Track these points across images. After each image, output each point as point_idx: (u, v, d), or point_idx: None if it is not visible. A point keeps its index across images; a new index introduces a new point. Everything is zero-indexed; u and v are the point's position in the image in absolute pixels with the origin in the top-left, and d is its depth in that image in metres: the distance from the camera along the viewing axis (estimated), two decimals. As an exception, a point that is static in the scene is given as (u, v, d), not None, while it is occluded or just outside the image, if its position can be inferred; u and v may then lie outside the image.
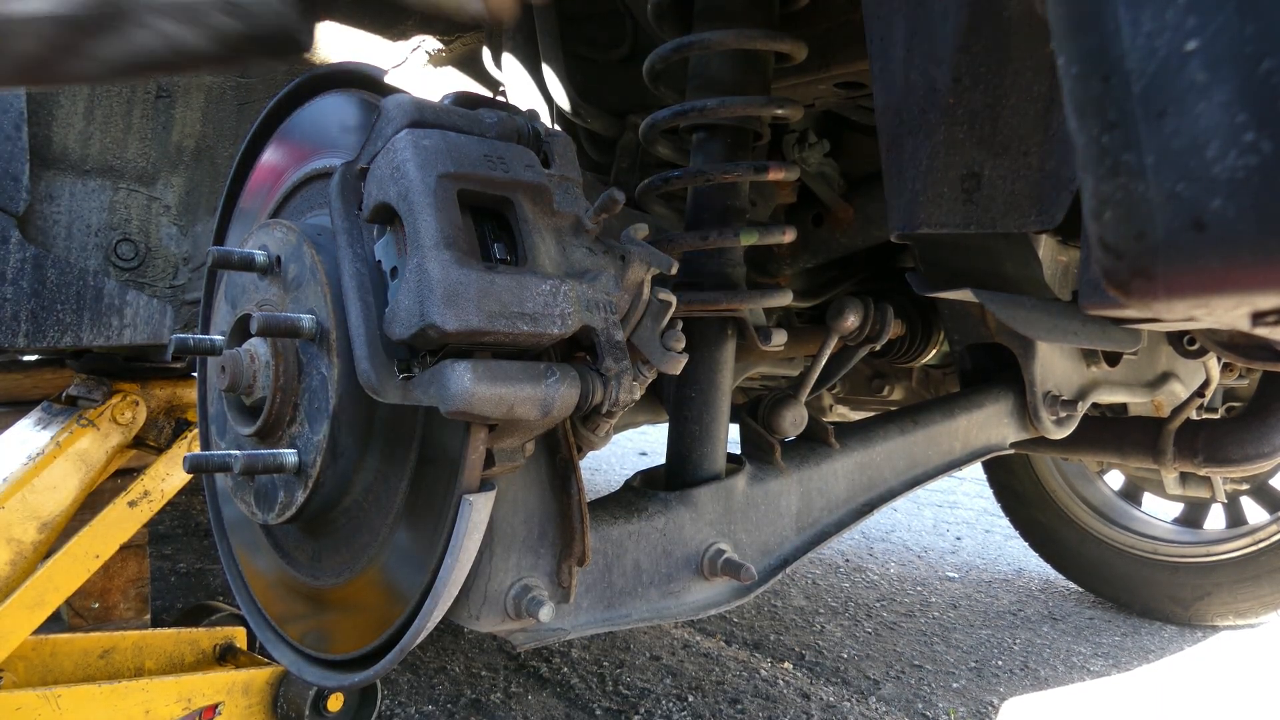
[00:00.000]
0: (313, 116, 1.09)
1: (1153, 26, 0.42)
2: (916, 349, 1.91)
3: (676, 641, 2.82)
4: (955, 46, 0.88)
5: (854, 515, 1.35)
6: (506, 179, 0.82)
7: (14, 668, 1.74)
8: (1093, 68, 0.45)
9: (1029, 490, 3.40)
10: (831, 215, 1.75)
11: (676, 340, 0.91)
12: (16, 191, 1.51)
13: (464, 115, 0.86)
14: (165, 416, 1.89)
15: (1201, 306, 0.45)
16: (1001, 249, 1.37)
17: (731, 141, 1.20)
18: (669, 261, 0.89)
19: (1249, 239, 0.40)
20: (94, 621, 2.12)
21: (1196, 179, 0.41)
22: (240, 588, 1.18)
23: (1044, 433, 1.61)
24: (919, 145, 0.92)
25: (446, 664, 2.53)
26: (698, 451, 1.22)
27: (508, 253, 0.84)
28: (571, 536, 0.96)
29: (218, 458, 0.93)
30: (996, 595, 3.54)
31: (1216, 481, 2.84)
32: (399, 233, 0.80)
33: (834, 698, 2.45)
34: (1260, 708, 2.49)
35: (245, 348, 0.96)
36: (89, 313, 1.56)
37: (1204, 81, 0.41)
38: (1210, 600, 3.04)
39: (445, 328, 0.73)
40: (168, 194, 1.67)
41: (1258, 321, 0.46)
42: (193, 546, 3.59)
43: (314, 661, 1.04)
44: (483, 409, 0.76)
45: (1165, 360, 1.91)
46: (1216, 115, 0.41)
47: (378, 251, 0.84)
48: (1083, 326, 1.38)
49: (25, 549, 1.66)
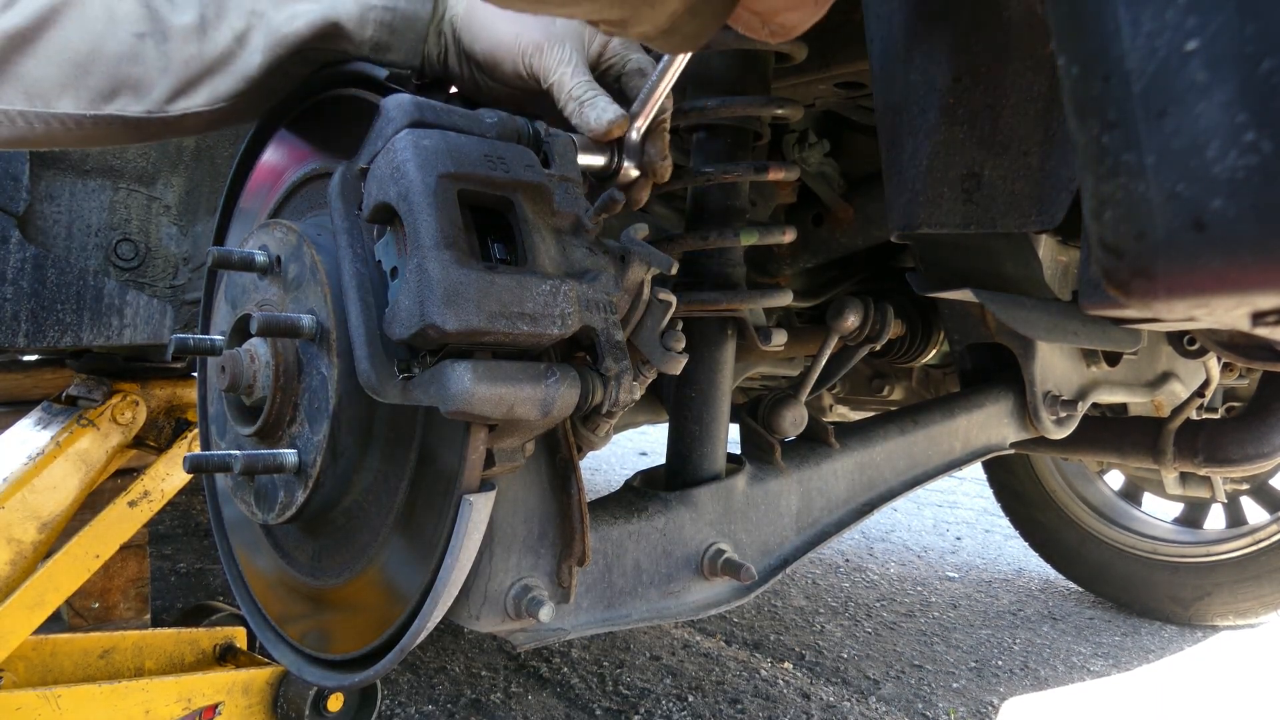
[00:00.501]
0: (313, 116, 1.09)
1: (1153, 26, 0.42)
2: (916, 349, 1.91)
3: (676, 641, 2.82)
4: (955, 46, 0.88)
5: (854, 515, 1.35)
6: (507, 179, 0.82)
7: (14, 668, 1.74)
8: (1093, 68, 0.45)
9: (1029, 490, 3.40)
10: (831, 215, 1.75)
11: (676, 340, 0.91)
12: (16, 191, 1.51)
13: (464, 115, 0.86)
14: (165, 416, 1.89)
15: (1201, 306, 0.45)
16: (1001, 249, 1.37)
17: (731, 141, 1.20)
18: (669, 261, 0.89)
19: (1249, 239, 0.40)
20: (94, 621, 2.12)
21: (1197, 179, 0.41)
22: (240, 588, 1.18)
23: (1044, 433, 1.61)
24: (919, 145, 0.92)
25: (446, 664, 2.53)
26: (698, 451, 1.22)
27: (508, 253, 0.84)
28: (571, 536, 0.96)
29: (218, 458, 0.93)
30: (996, 595, 3.54)
31: (1216, 481, 2.84)
32: (399, 233, 0.80)
33: (834, 698, 2.45)
34: (1260, 708, 2.49)
35: (245, 348, 0.96)
36: (89, 313, 1.56)
37: (1204, 81, 0.41)
38: (1210, 600, 3.04)
39: (445, 328, 0.73)
40: (168, 194, 1.67)
41: (1258, 321, 0.46)
42: (193, 546, 3.59)
43: (314, 661, 1.04)
44: (483, 409, 0.76)
45: (1165, 360, 1.91)
46: (1217, 115, 0.41)
47: (378, 252, 0.84)
48: (1083, 326, 1.38)
49: (25, 549, 1.66)
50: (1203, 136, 0.41)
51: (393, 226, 0.81)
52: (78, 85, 0.91)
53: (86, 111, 0.92)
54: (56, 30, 0.90)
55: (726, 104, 1.14)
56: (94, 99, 0.92)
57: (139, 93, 0.94)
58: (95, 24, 0.91)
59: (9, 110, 0.90)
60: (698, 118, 1.16)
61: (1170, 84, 0.42)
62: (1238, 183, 0.40)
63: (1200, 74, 0.41)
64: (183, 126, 0.98)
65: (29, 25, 0.88)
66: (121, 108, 0.94)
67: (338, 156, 1.00)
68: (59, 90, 0.91)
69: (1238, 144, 0.40)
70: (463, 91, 1.02)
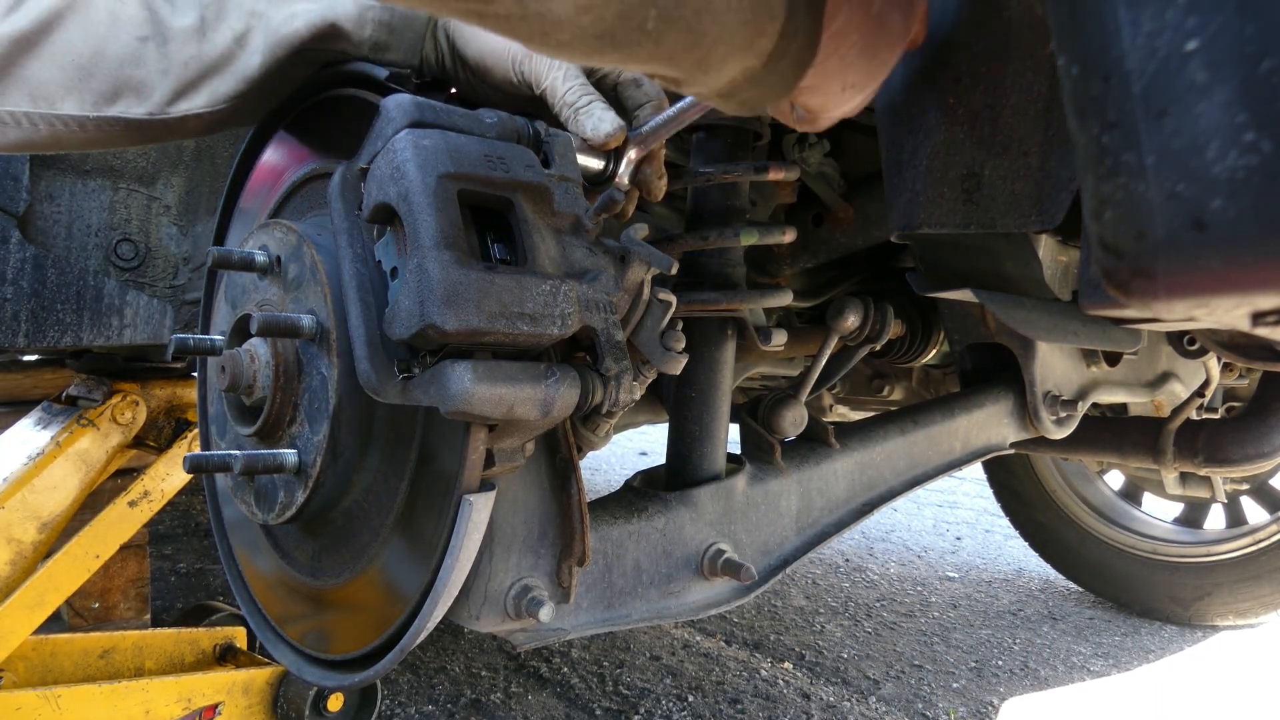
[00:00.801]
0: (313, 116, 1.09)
1: (1153, 26, 0.42)
2: (916, 349, 1.91)
3: (676, 641, 2.82)
4: (955, 46, 0.88)
5: (854, 515, 1.35)
6: (506, 179, 0.82)
7: (14, 668, 1.74)
8: (1093, 68, 0.45)
9: (1029, 490, 3.40)
10: (831, 215, 1.75)
11: (676, 340, 0.91)
12: (16, 191, 1.51)
13: (464, 115, 0.86)
14: (165, 416, 1.89)
15: (1201, 306, 0.45)
16: (1001, 249, 1.37)
17: (731, 141, 1.20)
18: (669, 261, 0.89)
19: (1249, 239, 0.40)
20: (94, 621, 2.12)
21: (1197, 179, 0.41)
22: (240, 588, 1.18)
23: (1044, 433, 1.61)
24: (919, 145, 0.92)
25: (446, 664, 2.53)
26: (698, 451, 1.22)
27: (508, 253, 0.84)
28: (571, 536, 0.96)
29: (218, 458, 0.93)
30: (996, 595, 3.54)
31: (1216, 481, 2.84)
32: (399, 233, 0.80)
33: (834, 698, 2.45)
34: (1260, 708, 2.49)
35: (245, 348, 0.96)
36: (89, 313, 1.56)
37: (1204, 81, 0.41)
38: (1210, 600, 3.04)
39: (445, 328, 0.73)
40: (168, 194, 1.67)
41: (1258, 321, 0.46)
42: (193, 546, 3.59)
43: (314, 661, 1.04)
44: (483, 409, 0.76)
45: (1165, 360, 1.91)
46: (1217, 115, 0.41)
47: (378, 252, 0.84)
48: (1083, 326, 1.38)
49: (25, 549, 1.66)
50: (1203, 136, 0.41)
51: (393, 226, 0.81)
52: (81, 87, 0.92)
53: (90, 113, 0.93)
54: (60, 33, 0.90)
55: (726, 104, 1.14)
56: (97, 101, 0.93)
57: (141, 95, 0.94)
58: (98, 27, 0.91)
59: (14, 112, 0.91)
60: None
61: (1170, 84, 0.42)
62: (1238, 183, 0.40)
63: (1200, 74, 0.41)
64: (184, 128, 0.98)
65: (34, 28, 0.89)
66: (124, 109, 0.94)
67: (338, 157, 1.00)
68: (63, 92, 0.91)
69: (1238, 144, 0.40)
70: (461, 93, 1.02)
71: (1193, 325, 0.58)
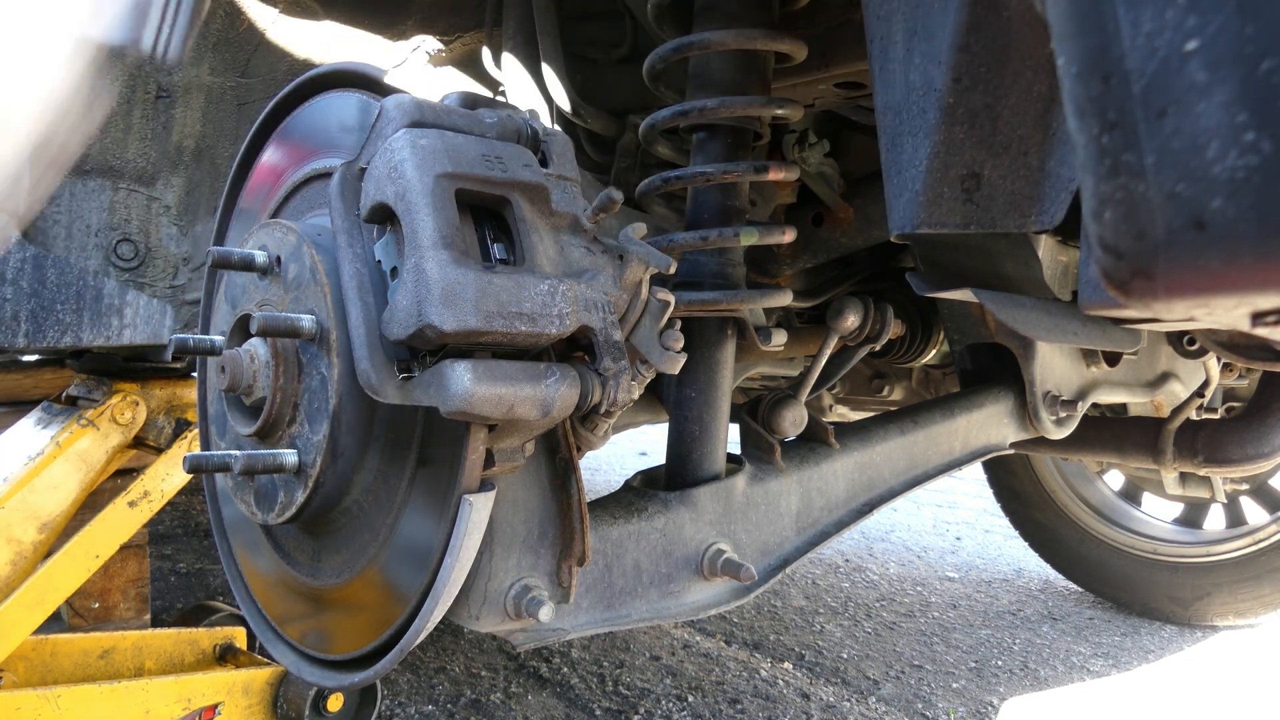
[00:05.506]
0: (313, 116, 1.09)
1: (1153, 26, 0.42)
2: (916, 349, 1.91)
3: (676, 641, 2.82)
4: (955, 46, 0.88)
5: (854, 515, 1.35)
6: (504, 179, 0.82)
7: (14, 668, 1.74)
8: (1093, 68, 0.45)
9: (1029, 490, 3.40)
10: (831, 215, 1.75)
11: (675, 340, 0.91)
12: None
13: (463, 115, 0.86)
14: (165, 416, 1.89)
15: (1201, 306, 0.44)
16: (1001, 249, 1.36)
17: (731, 141, 1.20)
18: (667, 261, 0.89)
19: (1249, 239, 0.40)
20: (94, 621, 2.12)
21: (1197, 179, 0.41)
22: (240, 588, 1.18)
23: (1044, 433, 1.61)
24: (919, 145, 0.92)
25: (446, 664, 2.53)
26: (698, 451, 1.22)
27: (506, 252, 0.84)
28: (571, 536, 0.96)
29: (218, 458, 0.93)
30: (996, 595, 3.54)
31: (1216, 481, 2.84)
32: (398, 233, 0.80)
33: (834, 698, 2.45)
34: (1260, 708, 2.49)
35: (245, 348, 0.96)
36: (89, 313, 1.56)
37: (1204, 81, 0.41)
38: (1210, 600, 3.04)
39: (443, 328, 0.73)
40: (168, 194, 1.67)
41: (1258, 321, 0.46)
42: (193, 546, 3.59)
43: (314, 661, 1.04)
44: (482, 409, 0.76)
45: (1165, 360, 1.91)
46: (1217, 115, 0.41)
47: (377, 251, 0.84)
48: (1083, 326, 1.38)
49: (25, 549, 1.66)
50: (1203, 136, 0.41)
51: (392, 226, 0.81)
52: None
53: None
54: None
55: (726, 104, 1.14)
56: None
57: None
58: None
59: None
60: (698, 118, 1.16)
61: (1170, 84, 0.42)
62: (1238, 183, 0.40)
63: (1200, 74, 0.41)
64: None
65: None
66: None
67: (338, 157, 1.00)
68: None
69: (1238, 144, 0.40)
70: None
71: (1193, 325, 0.58)
